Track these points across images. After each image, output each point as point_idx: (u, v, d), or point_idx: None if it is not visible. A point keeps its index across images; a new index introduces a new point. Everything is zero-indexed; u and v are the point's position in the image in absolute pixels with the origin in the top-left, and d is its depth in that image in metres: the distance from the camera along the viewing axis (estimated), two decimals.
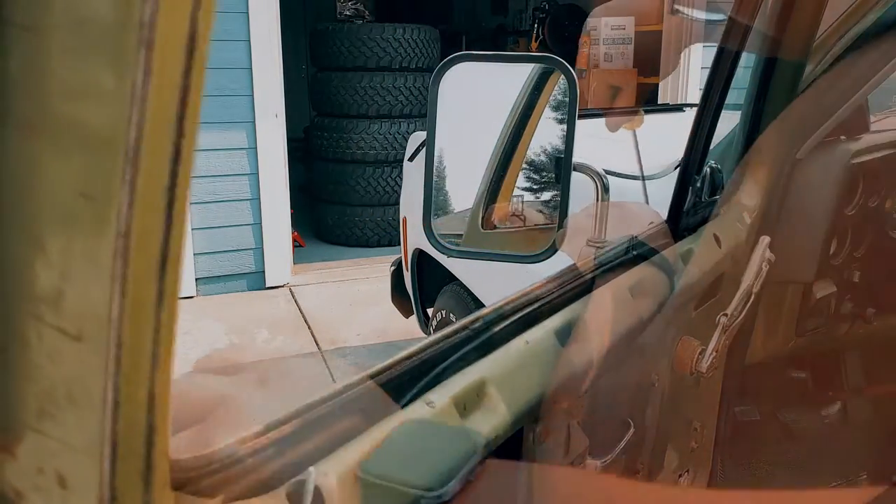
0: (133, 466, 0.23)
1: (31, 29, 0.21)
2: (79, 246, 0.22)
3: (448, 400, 0.50)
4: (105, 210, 0.21)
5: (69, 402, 0.23)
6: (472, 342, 0.58)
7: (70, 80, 0.21)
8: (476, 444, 0.50)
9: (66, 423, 0.24)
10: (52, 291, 0.22)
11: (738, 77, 1.04)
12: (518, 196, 1.10)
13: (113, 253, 0.21)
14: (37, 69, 0.21)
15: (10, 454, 0.25)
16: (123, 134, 0.20)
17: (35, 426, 0.24)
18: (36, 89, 0.21)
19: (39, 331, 0.23)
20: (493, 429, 0.53)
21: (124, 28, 0.19)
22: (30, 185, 0.22)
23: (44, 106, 0.21)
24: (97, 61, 0.20)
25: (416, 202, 1.19)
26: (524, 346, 0.61)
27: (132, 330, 0.22)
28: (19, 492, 0.25)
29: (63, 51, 0.21)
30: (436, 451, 0.47)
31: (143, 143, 0.20)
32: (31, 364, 0.24)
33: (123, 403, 0.22)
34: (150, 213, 0.21)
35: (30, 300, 0.23)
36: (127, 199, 0.21)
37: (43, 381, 0.24)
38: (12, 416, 0.25)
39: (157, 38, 0.19)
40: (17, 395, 0.24)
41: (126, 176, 0.20)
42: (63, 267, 0.22)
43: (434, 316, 2.57)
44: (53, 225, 0.22)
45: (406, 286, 2.82)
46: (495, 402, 0.54)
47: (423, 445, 0.46)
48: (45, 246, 0.22)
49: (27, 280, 0.23)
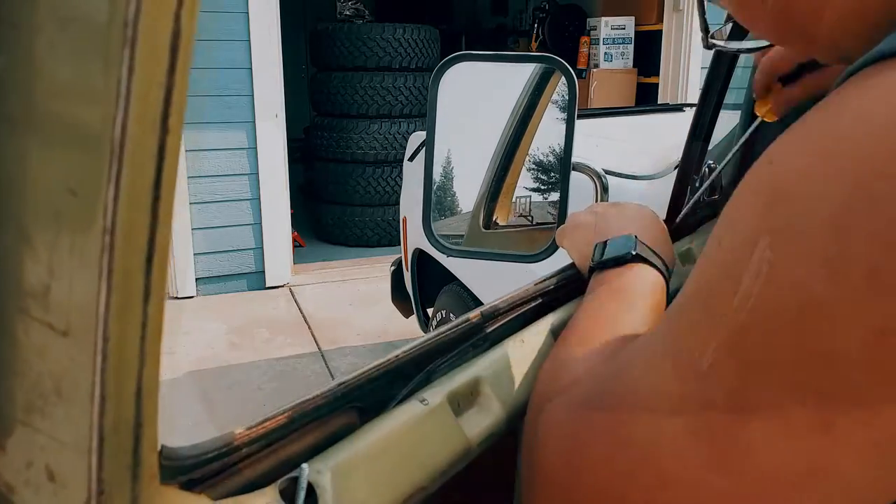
0: (121, 460, 0.23)
1: (17, 27, 0.21)
2: (66, 241, 0.22)
3: (442, 398, 0.50)
4: (92, 206, 0.21)
5: (57, 396, 0.23)
6: (467, 340, 0.58)
7: (57, 78, 0.21)
8: (470, 442, 0.50)
9: (54, 417, 0.24)
10: (40, 286, 0.23)
11: (737, 77, 1.04)
12: (518, 196, 1.10)
13: (100, 248, 0.21)
14: (24, 66, 0.21)
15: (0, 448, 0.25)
16: (109, 131, 0.20)
17: (24, 420, 0.24)
18: (23, 86, 0.22)
19: (27, 325, 0.23)
20: (488, 427, 0.53)
21: (109, 26, 0.20)
22: (17, 181, 0.22)
23: (31, 103, 0.22)
24: (83, 59, 0.21)
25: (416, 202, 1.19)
26: (520, 344, 0.61)
27: (119, 325, 0.22)
28: (10, 485, 0.25)
29: (50, 49, 0.21)
30: (429, 449, 0.47)
31: (128, 140, 0.20)
32: (18, 359, 0.24)
33: (111, 398, 0.22)
34: (136, 209, 0.21)
35: (17, 295, 0.23)
36: (113, 195, 0.21)
37: (31, 376, 0.24)
38: (1, 411, 0.25)
39: (140, 36, 0.19)
40: (5, 389, 0.25)
41: (112, 172, 0.21)
42: (50, 262, 0.22)
43: (434, 316, 2.57)
44: (41, 220, 0.22)
45: (406, 286, 2.83)
46: (490, 401, 0.55)
47: (417, 443, 0.46)
48: (32, 241, 0.23)
49: (14, 275, 0.23)
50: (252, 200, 4.26)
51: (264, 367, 3.35)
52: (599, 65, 5.96)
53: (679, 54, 5.03)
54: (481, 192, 1.11)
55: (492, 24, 8.80)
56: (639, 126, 2.62)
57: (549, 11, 6.42)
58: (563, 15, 6.41)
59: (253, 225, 4.30)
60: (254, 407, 2.98)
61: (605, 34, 5.93)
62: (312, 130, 5.32)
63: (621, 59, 6.00)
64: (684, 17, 4.97)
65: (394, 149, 4.95)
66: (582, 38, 6.15)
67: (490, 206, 1.11)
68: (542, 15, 6.47)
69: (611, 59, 5.97)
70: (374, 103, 4.91)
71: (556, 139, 1.00)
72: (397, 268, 2.90)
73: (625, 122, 2.67)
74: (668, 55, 5.12)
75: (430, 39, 5.06)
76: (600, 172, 1.18)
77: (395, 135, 4.96)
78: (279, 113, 4.19)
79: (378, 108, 4.93)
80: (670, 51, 5.10)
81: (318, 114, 5.22)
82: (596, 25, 6.01)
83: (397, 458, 0.44)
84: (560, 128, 0.97)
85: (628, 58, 6.01)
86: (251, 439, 0.38)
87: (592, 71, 5.96)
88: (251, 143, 4.17)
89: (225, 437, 0.36)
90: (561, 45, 6.26)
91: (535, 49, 6.43)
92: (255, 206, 4.27)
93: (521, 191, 1.09)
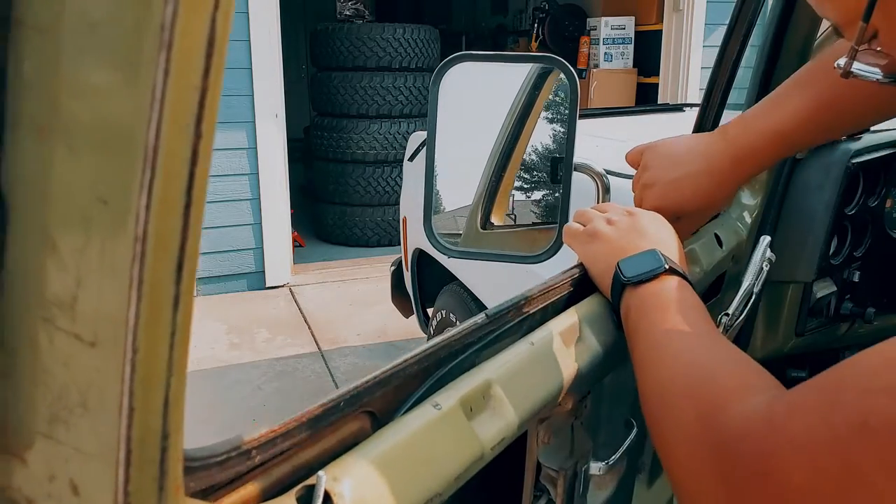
0: (148, 473, 0.23)
1: (45, 31, 0.20)
2: (95, 250, 0.22)
3: (455, 402, 0.50)
4: (122, 214, 0.21)
5: (82, 407, 0.23)
6: (477, 344, 0.58)
7: (85, 83, 0.21)
8: (484, 447, 0.50)
9: (79, 429, 0.23)
10: (67, 296, 0.22)
11: (739, 77, 1.05)
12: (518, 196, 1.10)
13: (131, 257, 0.21)
14: (51, 71, 0.21)
15: (20, 460, 0.25)
16: (142, 136, 0.20)
17: (46, 432, 0.24)
18: (51, 92, 0.21)
19: (51, 335, 0.23)
20: (500, 431, 0.52)
21: (143, 30, 0.19)
22: (45, 189, 0.22)
23: (59, 108, 0.21)
24: (115, 64, 0.20)
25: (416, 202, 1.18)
26: (529, 347, 0.61)
27: (148, 334, 0.22)
28: (31, 499, 0.25)
29: (78, 53, 0.20)
30: (444, 454, 0.47)
31: (161, 146, 0.20)
32: (42, 369, 0.24)
33: (138, 409, 0.22)
34: (167, 216, 0.21)
35: (42, 305, 0.23)
36: (145, 202, 0.20)
37: (55, 387, 0.23)
38: (23, 422, 0.24)
39: (176, 39, 0.19)
40: (28, 400, 0.24)
41: (144, 179, 0.20)
42: (78, 272, 0.22)
43: (434, 316, 2.57)
44: (69, 229, 0.22)
45: (406, 286, 2.82)
46: (501, 404, 0.54)
47: (432, 449, 0.46)
48: (59, 250, 0.22)
49: (40, 285, 0.23)
50: (252, 200, 4.25)
51: (264, 367, 3.35)
52: (599, 65, 5.96)
53: (679, 54, 5.03)
54: (481, 192, 1.11)
55: (492, 24, 8.80)
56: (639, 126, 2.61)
57: (549, 11, 6.41)
58: (563, 15, 6.41)
59: (253, 225, 4.29)
60: (254, 407, 2.97)
61: (605, 34, 5.93)
62: (312, 130, 5.32)
63: (621, 59, 6.00)
64: (684, 17, 4.97)
65: (394, 149, 4.95)
66: (582, 38, 6.15)
67: (490, 205, 1.11)
68: (542, 15, 6.47)
69: (611, 59, 5.97)
70: (374, 103, 4.91)
71: (556, 139, 0.99)
72: (397, 268, 2.90)
73: (625, 122, 2.67)
74: (668, 55, 5.12)
75: (430, 39, 5.05)
76: (602, 172, 1.18)
77: (395, 135, 4.95)
78: (279, 113, 4.19)
79: (378, 108, 4.92)
80: (670, 51, 5.10)
81: (318, 114, 5.22)
82: (596, 25, 6.01)
83: (412, 465, 0.43)
84: (560, 127, 0.97)
85: (628, 58, 6.01)
86: (265, 446, 0.38)
87: (592, 71, 5.96)
88: (251, 143, 4.16)
89: (239, 445, 0.36)
90: (561, 45, 6.25)
91: (535, 49, 6.42)
92: (255, 206, 4.26)
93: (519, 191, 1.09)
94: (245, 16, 3.96)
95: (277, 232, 4.35)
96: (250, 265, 4.34)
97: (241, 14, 3.95)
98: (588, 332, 0.68)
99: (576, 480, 0.69)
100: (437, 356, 0.54)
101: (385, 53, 4.85)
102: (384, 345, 3.55)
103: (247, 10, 3.96)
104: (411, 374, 0.51)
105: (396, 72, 4.92)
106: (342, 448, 0.43)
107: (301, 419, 0.41)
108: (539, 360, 0.61)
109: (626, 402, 0.87)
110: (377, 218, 5.12)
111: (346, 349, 3.53)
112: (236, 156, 4.16)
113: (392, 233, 5.09)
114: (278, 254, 4.37)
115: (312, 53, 5.19)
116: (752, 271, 0.94)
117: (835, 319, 1.27)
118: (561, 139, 0.98)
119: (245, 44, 3.99)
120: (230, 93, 4.02)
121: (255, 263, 4.35)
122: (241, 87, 4.04)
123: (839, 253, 1.23)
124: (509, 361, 0.58)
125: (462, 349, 0.56)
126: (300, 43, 7.38)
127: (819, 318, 1.25)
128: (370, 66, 4.86)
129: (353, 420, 0.46)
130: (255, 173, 4.21)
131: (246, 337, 3.68)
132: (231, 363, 3.37)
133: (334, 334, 3.69)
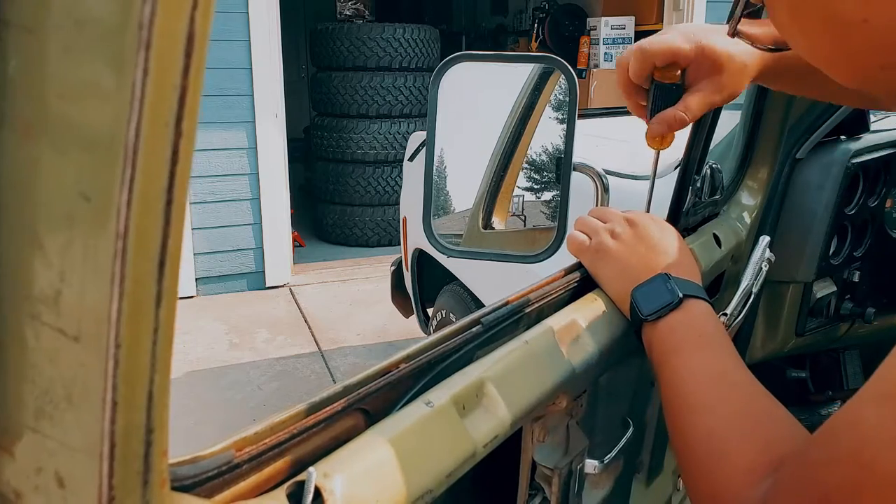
0: (132, 467, 0.23)
1: (29, 30, 0.21)
2: (78, 246, 0.22)
3: (447, 400, 0.50)
4: (104, 210, 0.21)
5: (67, 402, 0.23)
6: (471, 342, 0.58)
7: (69, 81, 0.21)
8: (476, 444, 0.50)
9: (64, 423, 0.24)
10: (51, 292, 0.23)
11: None
12: (518, 196, 1.10)
13: (112, 253, 0.21)
14: (36, 70, 0.21)
15: (8, 454, 0.25)
16: (122, 134, 0.20)
17: (33, 426, 0.24)
18: (35, 90, 0.21)
19: (37, 331, 0.23)
20: (493, 429, 0.52)
21: (123, 29, 0.19)
22: (29, 186, 0.22)
23: (43, 107, 0.21)
24: (96, 62, 0.20)
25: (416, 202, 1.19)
26: (523, 345, 0.61)
27: (131, 330, 0.22)
28: (18, 492, 0.25)
29: (62, 52, 0.21)
30: (436, 452, 0.47)
31: (141, 144, 0.20)
32: (28, 364, 0.24)
33: (122, 403, 0.22)
34: (148, 213, 0.21)
35: (28, 300, 0.23)
36: (126, 199, 0.21)
37: (41, 381, 0.24)
38: (10, 416, 0.25)
39: (155, 38, 0.19)
40: (15, 394, 0.24)
41: (125, 176, 0.20)
42: (62, 267, 0.22)
43: (434, 316, 2.57)
44: (53, 225, 0.22)
45: (406, 286, 2.82)
46: (495, 402, 0.54)
47: (424, 446, 0.46)
48: (44, 246, 0.22)
49: (26, 281, 0.23)
50: (252, 200, 4.26)
51: (264, 367, 3.35)
52: (599, 65, 5.96)
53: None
54: (481, 192, 1.11)
55: (492, 24, 8.80)
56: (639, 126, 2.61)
57: (549, 11, 6.41)
58: (563, 15, 6.41)
59: (253, 225, 4.30)
60: (254, 407, 2.97)
61: (604, 34, 5.93)
62: (312, 130, 5.32)
63: None
64: (684, 17, 4.97)
65: (394, 149, 4.95)
66: (582, 38, 6.15)
67: (490, 205, 1.11)
68: (542, 15, 6.47)
69: (611, 58, 5.96)
70: (374, 103, 4.91)
71: (556, 139, 0.99)
72: (397, 267, 2.90)
73: (625, 122, 2.67)
74: None
75: (430, 39, 5.06)
76: (601, 172, 1.18)
77: (395, 135, 4.95)
78: (279, 113, 4.19)
79: (378, 108, 4.93)
80: None
81: (318, 114, 5.22)
82: (596, 25, 6.01)
83: (404, 462, 0.43)
84: (560, 128, 0.97)
85: None
86: (257, 442, 0.38)
87: (592, 71, 5.96)
88: (251, 143, 4.17)
89: (231, 441, 0.36)
90: (561, 45, 6.25)
91: (535, 49, 6.42)
92: (255, 206, 4.26)
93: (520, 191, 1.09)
94: (245, 16, 3.97)
95: (277, 232, 4.35)
96: (250, 265, 4.35)
97: (241, 14, 3.95)
98: (584, 330, 0.68)
99: (571, 479, 0.69)
100: (431, 355, 0.54)
101: (385, 53, 4.86)
102: (384, 345, 3.55)
103: (247, 10, 3.96)
104: (405, 372, 0.51)
105: (396, 72, 4.92)
106: (335, 445, 0.43)
107: (294, 416, 0.41)
108: (533, 359, 0.61)
109: (623, 401, 0.87)
110: (377, 218, 5.13)
111: (346, 349, 3.53)
112: (236, 156, 4.16)
113: (392, 233, 5.09)
114: (278, 254, 4.37)
115: (312, 53, 5.20)
116: (750, 271, 0.94)
117: (835, 319, 1.27)
118: (561, 139, 0.98)
119: (245, 44, 4.00)
120: (230, 93, 4.02)
121: (255, 263, 4.35)
122: (241, 87, 4.05)
123: (839, 253, 1.23)
124: (503, 360, 0.58)
125: (457, 348, 0.57)
126: (300, 43, 7.39)
127: (819, 318, 1.25)
128: (370, 65, 4.87)
129: (347, 417, 0.46)
130: (255, 173, 4.22)
131: (246, 337, 3.68)
132: (231, 363, 3.38)
133: (334, 334, 3.70)
